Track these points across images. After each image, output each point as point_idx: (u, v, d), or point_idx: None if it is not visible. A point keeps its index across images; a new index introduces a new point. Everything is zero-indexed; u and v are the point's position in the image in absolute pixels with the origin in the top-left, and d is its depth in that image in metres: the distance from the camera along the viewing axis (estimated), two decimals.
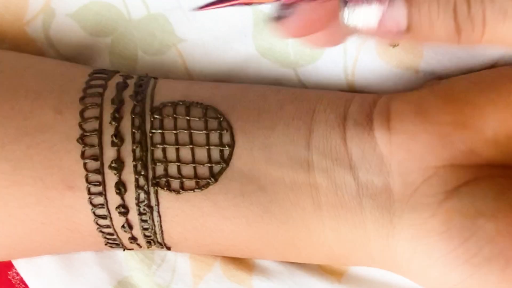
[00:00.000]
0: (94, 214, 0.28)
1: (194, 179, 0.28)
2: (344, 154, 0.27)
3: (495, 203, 0.24)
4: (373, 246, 0.27)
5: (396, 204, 0.26)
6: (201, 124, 0.28)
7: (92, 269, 0.33)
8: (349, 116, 0.28)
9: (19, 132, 0.28)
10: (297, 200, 0.28)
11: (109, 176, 0.28)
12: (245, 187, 0.28)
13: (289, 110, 0.29)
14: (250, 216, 0.28)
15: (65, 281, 0.32)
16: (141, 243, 0.30)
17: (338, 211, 0.27)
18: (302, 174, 0.28)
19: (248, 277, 0.32)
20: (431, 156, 0.26)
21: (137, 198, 0.28)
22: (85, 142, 0.28)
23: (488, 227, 0.24)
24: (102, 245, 0.30)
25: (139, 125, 0.28)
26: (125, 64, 0.33)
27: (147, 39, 0.33)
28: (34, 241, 0.29)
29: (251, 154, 0.28)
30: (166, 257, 0.33)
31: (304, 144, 0.28)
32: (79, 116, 0.28)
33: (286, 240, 0.29)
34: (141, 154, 0.28)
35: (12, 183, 0.28)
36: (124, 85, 0.30)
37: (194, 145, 0.28)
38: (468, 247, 0.24)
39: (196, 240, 0.29)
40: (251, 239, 0.29)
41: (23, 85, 0.29)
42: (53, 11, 0.33)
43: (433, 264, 0.25)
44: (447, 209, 0.25)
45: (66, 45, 0.33)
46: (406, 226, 0.26)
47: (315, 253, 0.29)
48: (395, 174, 0.26)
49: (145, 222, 0.28)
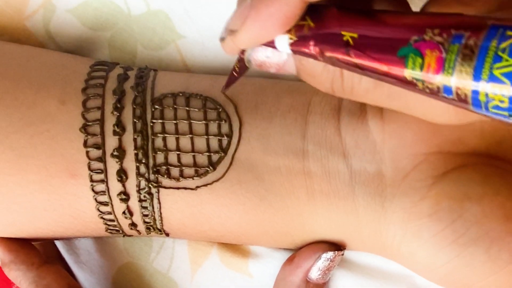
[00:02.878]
0: (96, 201, 0.29)
1: (193, 167, 0.29)
2: (338, 143, 0.28)
3: (481, 188, 0.25)
4: (365, 231, 0.28)
5: (388, 189, 0.27)
6: (200, 114, 0.29)
7: (92, 256, 0.33)
8: (343, 106, 0.29)
9: (23, 122, 0.28)
10: (292, 188, 0.29)
11: (110, 164, 0.29)
12: (242, 175, 0.29)
13: (285, 102, 0.30)
14: (247, 204, 0.29)
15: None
16: (141, 230, 0.30)
17: (330, 199, 0.28)
18: (298, 164, 0.29)
19: (244, 263, 0.33)
20: (421, 143, 0.27)
21: (137, 185, 0.29)
22: (88, 131, 0.29)
23: (474, 210, 0.25)
24: (102, 231, 0.31)
25: (140, 115, 0.29)
26: (125, 58, 0.34)
27: (147, 34, 0.34)
28: (37, 228, 0.30)
29: (249, 144, 0.29)
30: (165, 245, 0.34)
31: (300, 134, 0.29)
32: (82, 106, 0.29)
33: (281, 227, 0.30)
34: (142, 143, 0.29)
35: (16, 171, 0.28)
36: (125, 76, 0.30)
37: (193, 134, 0.29)
38: (455, 228, 0.25)
39: (194, 226, 0.30)
40: (247, 226, 0.30)
41: (26, 76, 0.30)
42: (53, 7, 0.33)
43: (422, 245, 0.26)
44: (436, 193, 0.26)
45: (66, 39, 0.34)
46: (397, 210, 0.27)
47: (309, 240, 0.30)
48: (387, 160, 0.28)
49: (145, 208, 0.29)
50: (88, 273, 0.35)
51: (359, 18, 0.20)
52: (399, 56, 0.19)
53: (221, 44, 0.23)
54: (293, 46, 0.21)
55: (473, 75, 0.17)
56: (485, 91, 0.17)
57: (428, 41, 0.19)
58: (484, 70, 0.17)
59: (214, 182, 0.29)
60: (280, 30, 0.21)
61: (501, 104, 0.17)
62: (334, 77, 0.22)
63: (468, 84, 0.18)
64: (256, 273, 0.33)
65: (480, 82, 0.17)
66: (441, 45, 0.18)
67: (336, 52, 0.20)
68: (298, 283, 0.30)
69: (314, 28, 0.21)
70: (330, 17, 0.21)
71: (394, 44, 0.19)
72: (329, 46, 0.21)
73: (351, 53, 0.20)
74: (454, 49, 0.18)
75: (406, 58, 0.19)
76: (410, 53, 0.19)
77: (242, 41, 0.21)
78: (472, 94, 0.18)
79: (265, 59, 0.23)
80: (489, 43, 0.17)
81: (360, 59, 0.20)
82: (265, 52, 0.22)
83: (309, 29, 0.21)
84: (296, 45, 0.21)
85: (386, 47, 0.19)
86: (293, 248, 0.32)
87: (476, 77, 0.17)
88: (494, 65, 0.17)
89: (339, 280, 0.32)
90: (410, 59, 0.19)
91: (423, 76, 0.19)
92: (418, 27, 0.19)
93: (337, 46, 0.20)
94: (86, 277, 0.35)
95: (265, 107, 0.29)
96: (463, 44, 0.18)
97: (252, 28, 0.21)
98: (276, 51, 0.22)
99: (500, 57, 0.17)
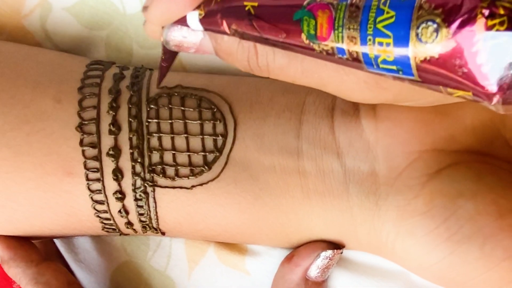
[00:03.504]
0: (92, 199, 0.29)
1: (188, 167, 0.29)
2: (332, 142, 0.28)
3: (474, 185, 0.26)
4: (360, 230, 0.28)
5: (382, 188, 0.27)
6: (195, 114, 0.29)
7: (91, 255, 0.34)
8: (336, 106, 0.29)
9: (19, 120, 0.29)
10: (287, 187, 0.29)
11: (106, 163, 0.29)
12: (237, 175, 0.29)
13: (280, 102, 0.30)
14: (242, 203, 0.29)
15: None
16: (137, 228, 0.30)
17: (325, 198, 0.29)
18: (292, 163, 0.29)
19: (241, 260, 0.33)
20: (415, 141, 0.27)
21: (133, 184, 0.29)
22: (84, 130, 0.29)
23: (468, 207, 0.25)
24: (99, 230, 0.31)
25: (135, 115, 0.29)
26: (121, 57, 0.34)
27: (142, 33, 0.34)
28: (34, 225, 0.30)
29: (244, 144, 0.29)
30: (162, 243, 0.34)
31: (295, 134, 0.29)
32: (78, 105, 0.29)
33: (276, 226, 0.30)
34: (138, 142, 0.29)
35: (13, 169, 0.28)
36: (121, 75, 0.30)
37: (188, 134, 0.29)
38: (449, 226, 0.25)
39: (189, 225, 0.30)
40: (242, 225, 0.30)
41: (22, 74, 0.30)
42: (50, 5, 0.34)
43: (416, 243, 0.26)
44: (430, 190, 0.26)
45: (63, 38, 0.34)
46: (391, 208, 0.27)
47: (304, 239, 0.30)
48: (381, 159, 0.28)
49: (141, 207, 0.29)
50: (87, 272, 0.35)
51: None
52: (295, 20, 0.19)
53: (143, 27, 0.23)
54: (204, 22, 0.21)
55: (359, 31, 0.17)
56: (372, 47, 0.17)
57: (320, 3, 0.19)
58: (369, 25, 0.17)
59: (209, 181, 0.29)
60: (189, 4, 0.20)
61: (388, 58, 0.17)
62: (250, 54, 0.22)
63: (357, 41, 0.18)
64: (253, 271, 0.33)
65: (366, 37, 0.17)
66: (331, 5, 0.18)
67: (240, 23, 0.21)
68: (297, 281, 0.30)
69: (220, 2, 0.21)
70: None
71: (290, 8, 0.19)
72: (234, 18, 0.21)
73: (253, 22, 0.20)
74: (342, 7, 0.18)
75: (301, 22, 0.19)
76: (304, 16, 0.19)
77: (153, 17, 0.21)
78: (362, 50, 0.18)
79: (182, 39, 0.22)
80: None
81: (262, 28, 0.20)
82: (181, 31, 0.22)
83: (216, 2, 0.21)
84: (206, 20, 0.21)
85: (284, 14, 0.20)
86: (289, 247, 0.32)
87: (363, 33, 0.17)
88: (377, 18, 0.17)
89: (337, 279, 0.32)
90: (304, 22, 0.19)
91: (318, 37, 0.19)
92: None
93: (241, 17, 0.21)
94: (85, 276, 0.35)
95: (260, 106, 0.30)
96: (350, 2, 0.18)
97: (161, 2, 0.20)
98: (192, 31, 0.22)
99: (382, 10, 0.17)
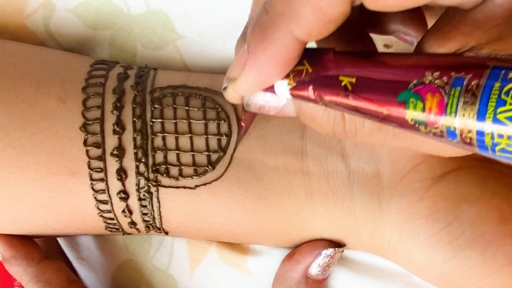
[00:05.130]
0: (96, 199, 0.29)
1: (192, 167, 0.29)
2: (337, 143, 0.28)
3: (478, 190, 0.26)
4: (362, 230, 0.29)
5: (385, 190, 0.28)
6: (199, 114, 0.29)
7: (93, 253, 0.34)
8: None
9: (24, 120, 0.29)
10: (291, 187, 0.29)
11: (110, 163, 0.29)
12: (241, 174, 0.29)
13: None
14: (245, 203, 0.29)
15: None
16: (140, 228, 0.30)
17: (328, 198, 0.29)
18: (296, 163, 0.29)
19: (243, 260, 0.33)
20: None
21: (137, 184, 0.29)
22: (88, 130, 0.29)
23: (471, 211, 0.25)
24: (102, 229, 0.31)
25: (140, 114, 0.29)
26: (125, 57, 0.34)
27: (146, 33, 0.34)
28: (37, 225, 0.30)
29: (248, 143, 0.29)
30: (164, 242, 0.34)
31: (299, 134, 0.29)
32: (82, 105, 0.29)
33: (280, 226, 0.30)
34: (142, 142, 0.29)
35: (17, 168, 0.28)
36: (125, 75, 0.30)
37: (192, 134, 0.29)
38: (452, 230, 0.25)
39: (193, 225, 0.30)
40: (246, 225, 0.30)
41: (27, 74, 0.30)
42: (53, 6, 0.33)
43: (418, 246, 0.26)
44: (433, 194, 0.26)
45: (67, 38, 0.34)
46: (394, 210, 0.27)
47: (307, 239, 0.31)
48: (385, 161, 0.28)
49: (145, 207, 0.29)
50: (89, 270, 0.35)
51: (357, 61, 0.20)
52: (399, 101, 0.19)
53: (223, 93, 0.23)
54: (293, 91, 0.21)
55: (476, 119, 0.17)
56: (490, 136, 0.17)
57: (428, 85, 0.18)
58: (488, 115, 0.17)
59: (213, 181, 0.29)
60: (279, 74, 0.20)
61: (508, 148, 0.17)
62: (336, 121, 0.22)
63: (472, 129, 0.17)
64: (255, 270, 0.33)
65: (484, 126, 0.17)
66: (442, 89, 0.18)
67: (335, 96, 0.20)
68: (298, 279, 0.30)
69: (312, 73, 0.21)
70: (327, 61, 0.20)
71: (394, 87, 0.19)
72: (328, 91, 0.20)
73: (350, 97, 0.20)
74: (456, 92, 0.17)
75: (407, 103, 0.18)
76: (410, 98, 0.18)
77: (242, 89, 0.21)
78: (477, 137, 0.17)
79: (264, 103, 0.22)
80: (491, 86, 0.17)
81: (359, 103, 0.20)
82: (264, 96, 0.22)
83: (307, 74, 0.21)
84: (295, 90, 0.21)
85: (386, 91, 0.19)
86: (291, 247, 0.32)
87: (480, 121, 0.17)
88: (498, 109, 0.16)
89: (338, 278, 0.32)
90: (410, 104, 0.18)
91: (425, 120, 0.18)
92: (417, 70, 0.18)
93: (335, 91, 0.20)
94: (86, 274, 0.35)
95: None
96: (465, 88, 0.17)
97: (251, 74, 0.20)
98: (275, 95, 0.22)
99: (504, 101, 0.16)
